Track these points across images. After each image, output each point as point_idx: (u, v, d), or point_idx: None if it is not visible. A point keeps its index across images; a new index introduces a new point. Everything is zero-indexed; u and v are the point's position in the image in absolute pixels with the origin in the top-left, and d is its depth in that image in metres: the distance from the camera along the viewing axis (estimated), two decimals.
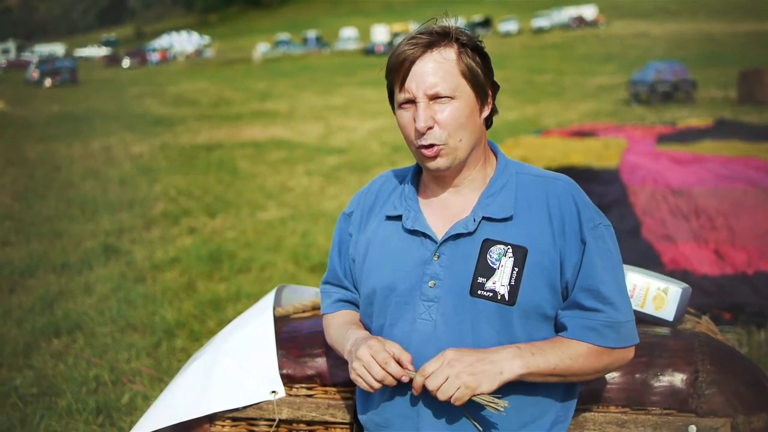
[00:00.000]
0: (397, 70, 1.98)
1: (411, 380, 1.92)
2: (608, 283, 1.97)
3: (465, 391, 1.84)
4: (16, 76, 55.86)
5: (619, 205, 6.79)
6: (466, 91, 1.98)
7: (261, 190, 12.43)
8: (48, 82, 46.02)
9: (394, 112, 2.08)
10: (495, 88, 2.07)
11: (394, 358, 1.91)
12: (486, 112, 2.06)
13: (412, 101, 1.97)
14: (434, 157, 1.98)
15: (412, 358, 1.94)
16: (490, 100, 2.06)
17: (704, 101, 24.39)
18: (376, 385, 1.91)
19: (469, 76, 1.98)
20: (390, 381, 1.90)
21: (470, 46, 1.99)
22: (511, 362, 1.89)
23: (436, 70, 1.95)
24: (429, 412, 1.98)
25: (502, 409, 1.87)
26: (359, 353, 1.93)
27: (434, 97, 1.95)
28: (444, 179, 2.07)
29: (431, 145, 1.97)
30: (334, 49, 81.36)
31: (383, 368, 1.89)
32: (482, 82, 2.01)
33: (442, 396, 1.85)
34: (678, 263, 6.08)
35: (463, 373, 1.85)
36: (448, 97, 1.95)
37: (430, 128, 1.95)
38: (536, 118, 21.31)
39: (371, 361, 1.91)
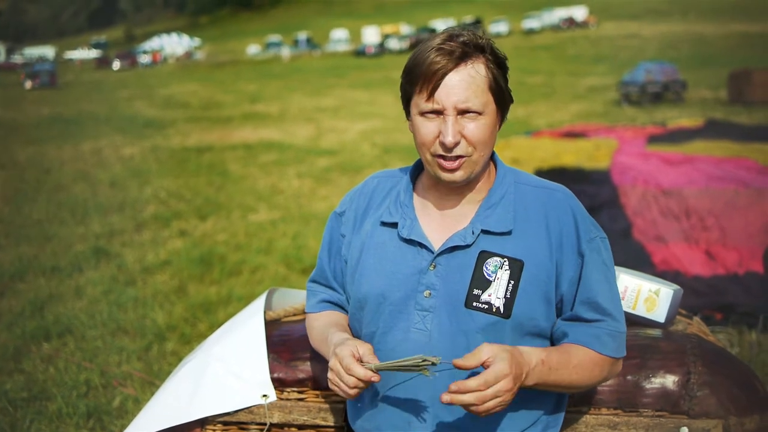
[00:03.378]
0: (427, 79, 1.91)
1: (406, 381, 1.91)
2: (605, 295, 1.97)
3: (503, 406, 1.79)
4: (5, 79, 55.72)
5: (610, 205, 6.79)
6: (492, 107, 1.95)
7: (252, 192, 12.41)
8: (28, 84, 46.74)
9: (408, 116, 2.03)
10: (510, 101, 2.05)
11: (357, 358, 1.87)
12: (501, 126, 2.04)
13: (439, 112, 1.92)
14: (454, 170, 1.94)
15: (371, 348, 1.92)
16: (506, 114, 2.04)
17: (695, 102, 24.46)
18: (352, 392, 1.87)
19: (496, 92, 1.95)
20: (362, 385, 1.86)
21: (495, 61, 1.96)
22: (532, 376, 1.86)
23: (469, 85, 1.90)
24: (419, 419, 1.97)
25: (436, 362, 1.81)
26: (330, 363, 1.91)
27: (463, 112, 1.91)
28: (449, 191, 2.04)
29: (456, 157, 1.93)
30: (325, 50, 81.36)
31: (350, 373, 1.85)
32: (506, 98, 1.98)
33: (483, 412, 1.77)
34: (669, 264, 6.08)
35: (512, 391, 1.79)
36: (476, 112, 1.91)
37: (456, 143, 1.92)
38: (527, 119, 21.33)
39: (340, 368, 1.87)
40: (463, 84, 1.90)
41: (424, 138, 1.95)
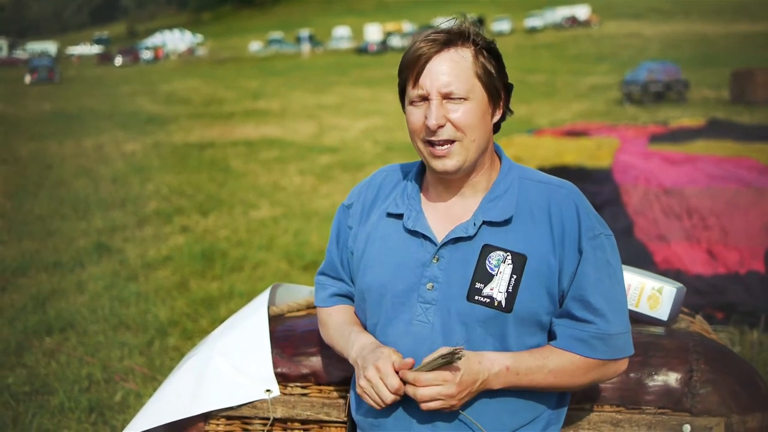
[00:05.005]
0: (412, 66, 1.95)
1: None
2: (600, 295, 1.96)
3: (445, 408, 1.88)
4: (8, 74, 55.69)
5: (612, 204, 6.79)
6: (479, 93, 1.96)
7: (253, 188, 12.42)
8: (27, 79, 47.05)
9: (404, 109, 2.05)
10: (508, 89, 2.06)
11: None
12: (497, 116, 2.05)
13: (425, 98, 1.95)
14: (443, 157, 1.96)
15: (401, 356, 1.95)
16: (501, 104, 2.04)
17: (697, 101, 24.46)
18: (382, 405, 1.90)
19: (484, 78, 1.96)
20: (396, 398, 1.90)
21: (486, 48, 1.98)
22: (496, 380, 1.91)
23: (452, 69, 1.93)
24: (421, 414, 1.97)
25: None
26: (368, 374, 1.91)
27: (447, 96, 1.93)
28: (450, 183, 2.05)
29: (443, 142, 1.94)
30: (327, 47, 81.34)
31: (393, 393, 1.88)
32: (496, 86, 1.99)
33: (423, 406, 1.87)
34: (671, 263, 6.09)
35: (456, 397, 1.86)
36: (461, 98, 1.93)
37: (441, 126, 1.93)
38: (529, 117, 21.31)
39: (380, 383, 1.89)
40: (446, 68, 1.93)
41: (413, 125, 1.99)
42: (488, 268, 1.96)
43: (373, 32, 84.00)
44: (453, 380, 1.84)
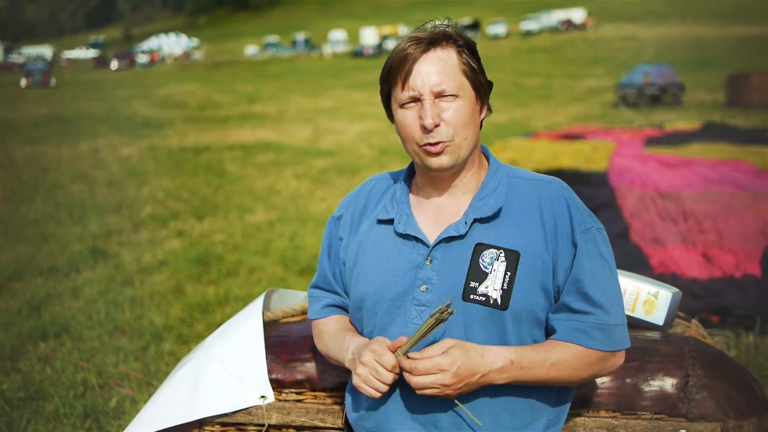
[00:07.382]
0: (400, 68, 1.96)
1: (404, 380, 1.92)
2: (597, 286, 1.96)
3: (440, 396, 1.87)
4: (3, 78, 55.64)
5: (608, 208, 6.79)
6: (468, 91, 1.98)
7: (249, 192, 12.40)
8: (23, 83, 47.43)
9: (390, 115, 2.06)
10: (489, 87, 2.07)
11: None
12: (483, 114, 2.06)
13: (416, 99, 1.96)
14: (438, 154, 1.96)
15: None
16: (487, 101, 2.06)
17: (692, 104, 24.50)
18: (384, 389, 1.89)
19: (471, 76, 1.98)
20: (394, 378, 1.90)
21: (467, 47, 2.00)
22: (499, 375, 1.90)
23: (441, 68, 1.94)
24: (418, 417, 1.97)
25: (480, 424, 1.94)
26: (364, 359, 1.91)
27: (439, 95, 1.95)
28: (440, 182, 2.06)
29: (437, 142, 1.95)
30: (323, 51, 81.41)
31: (390, 370, 1.88)
32: (481, 82, 2.01)
33: (418, 392, 1.87)
34: (666, 266, 6.08)
35: (451, 387, 1.86)
36: (453, 95, 1.95)
37: (436, 126, 1.94)
38: (525, 120, 21.34)
39: (377, 365, 1.89)
40: (435, 68, 1.95)
41: (408, 128, 1.99)
42: (482, 266, 1.96)
43: (369, 36, 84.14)
44: (450, 370, 1.84)
